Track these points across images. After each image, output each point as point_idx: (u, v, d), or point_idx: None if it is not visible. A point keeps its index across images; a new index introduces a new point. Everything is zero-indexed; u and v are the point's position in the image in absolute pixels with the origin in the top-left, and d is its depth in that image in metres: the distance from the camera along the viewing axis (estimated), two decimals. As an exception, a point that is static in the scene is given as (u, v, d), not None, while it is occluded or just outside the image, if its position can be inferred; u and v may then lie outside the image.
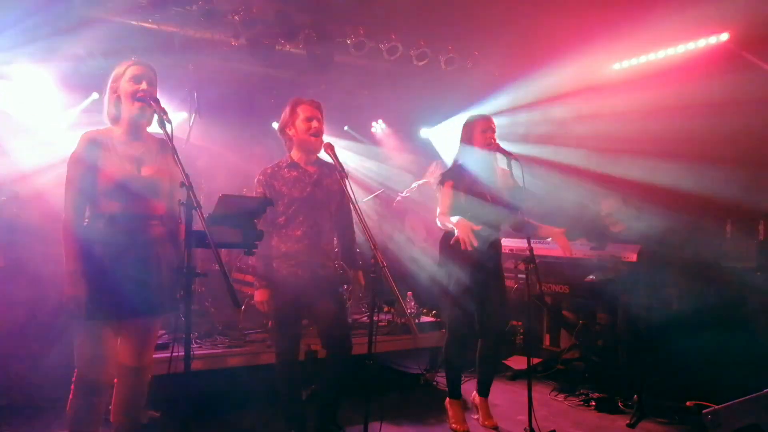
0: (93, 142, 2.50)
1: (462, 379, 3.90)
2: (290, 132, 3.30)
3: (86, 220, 2.51)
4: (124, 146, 2.56)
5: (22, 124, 4.98)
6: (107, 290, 2.43)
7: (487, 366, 3.81)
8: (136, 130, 2.60)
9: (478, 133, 3.68)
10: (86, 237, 2.47)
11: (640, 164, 5.63)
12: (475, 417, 3.89)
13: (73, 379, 2.53)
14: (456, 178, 3.69)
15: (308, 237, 3.25)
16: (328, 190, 3.33)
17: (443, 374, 4.72)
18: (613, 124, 5.67)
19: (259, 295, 3.27)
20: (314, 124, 3.25)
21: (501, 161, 3.69)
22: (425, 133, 7.73)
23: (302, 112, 3.26)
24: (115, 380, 2.67)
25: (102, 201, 2.49)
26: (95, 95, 4.98)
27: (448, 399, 3.82)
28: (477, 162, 3.69)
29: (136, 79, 2.54)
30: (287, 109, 3.31)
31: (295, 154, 3.34)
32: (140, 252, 2.51)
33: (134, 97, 2.52)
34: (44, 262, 4.14)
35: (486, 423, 3.77)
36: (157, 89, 2.63)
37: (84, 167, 2.47)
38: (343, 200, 3.36)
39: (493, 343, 3.75)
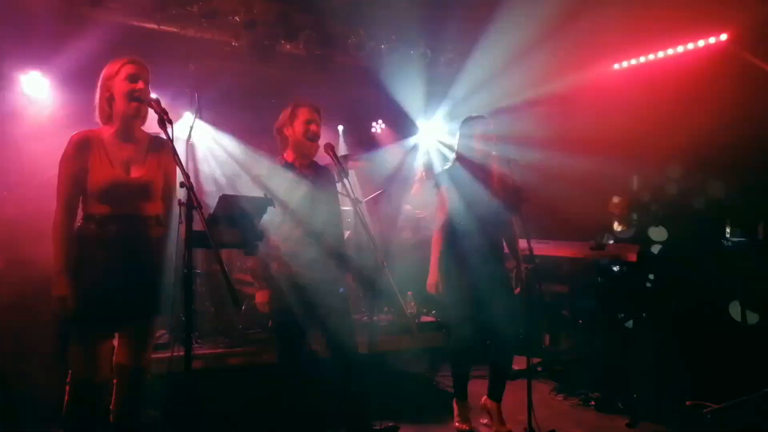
0: (82, 143, 2.47)
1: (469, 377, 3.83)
2: (287, 132, 3.31)
3: (79, 222, 2.50)
4: (114, 147, 2.52)
5: (25, 127, 4.98)
6: (100, 292, 2.42)
7: (499, 369, 3.71)
8: (128, 129, 2.57)
9: (477, 133, 3.68)
10: (79, 238, 2.47)
11: (640, 164, 5.64)
12: (484, 421, 3.82)
13: (68, 380, 2.52)
14: (453, 179, 3.67)
15: (309, 236, 3.24)
16: (323, 190, 3.35)
17: (444, 374, 4.75)
18: (612, 125, 5.67)
19: (259, 297, 3.21)
20: (312, 127, 3.27)
21: (499, 162, 3.69)
22: (423, 132, 7.74)
23: (302, 115, 3.26)
24: (115, 380, 2.66)
25: (92, 203, 2.47)
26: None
27: (454, 399, 3.80)
28: (475, 162, 3.68)
29: (132, 78, 2.50)
30: (287, 111, 3.32)
31: (290, 155, 3.35)
32: (133, 253, 2.49)
33: (131, 96, 2.49)
34: (44, 264, 4.13)
35: (500, 429, 3.65)
36: (156, 89, 2.62)
37: (73, 169, 2.46)
38: (334, 202, 3.40)
39: (506, 346, 3.66)
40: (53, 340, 3.95)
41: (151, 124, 2.60)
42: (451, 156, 3.88)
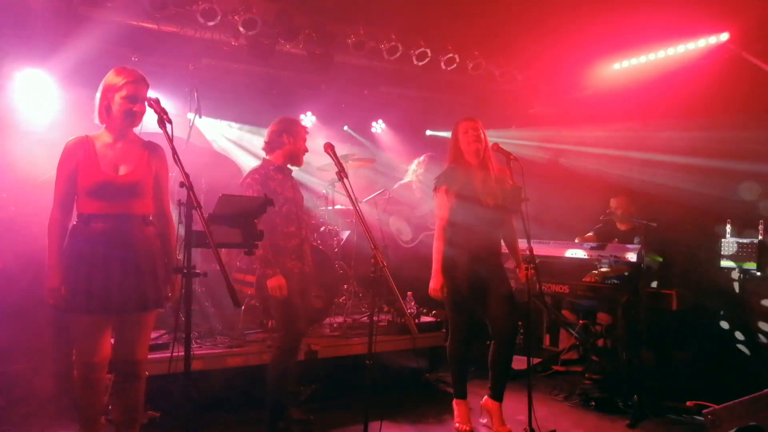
0: (76, 146, 2.65)
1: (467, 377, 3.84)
2: (286, 139, 3.61)
3: (74, 220, 2.67)
4: (106, 149, 2.68)
5: (24, 126, 4.98)
6: (89, 286, 2.56)
7: (500, 369, 3.69)
8: (121, 133, 2.73)
9: (461, 134, 3.72)
10: (71, 235, 2.63)
11: (640, 164, 5.64)
12: (484, 421, 3.82)
13: (73, 357, 2.68)
14: (449, 182, 3.68)
15: (302, 231, 3.61)
16: (300, 193, 3.76)
17: (443, 374, 4.75)
18: (613, 125, 5.67)
19: (276, 281, 3.37)
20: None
21: (499, 161, 3.70)
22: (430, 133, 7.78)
23: (303, 132, 3.72)
24: (113, 377, 2.77)
25: (83, 202, 2.64)
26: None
27: (454, 399, 3.80)
28: (469, 163, 3.69)
29: (132, 99, 2.65)
30: (296, 122, 3.71)
31: (279, 159, 3.66)
32: (120, 250, 2.61)
33: (128, 114, 2.65)
34: (42, 262, 4.13)
35: (500, 430, 3.65)
36: (155, 88, 2.75)
37: (67, 171, 2.63)
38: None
39: (506, 345, 3.66)
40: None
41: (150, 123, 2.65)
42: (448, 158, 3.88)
